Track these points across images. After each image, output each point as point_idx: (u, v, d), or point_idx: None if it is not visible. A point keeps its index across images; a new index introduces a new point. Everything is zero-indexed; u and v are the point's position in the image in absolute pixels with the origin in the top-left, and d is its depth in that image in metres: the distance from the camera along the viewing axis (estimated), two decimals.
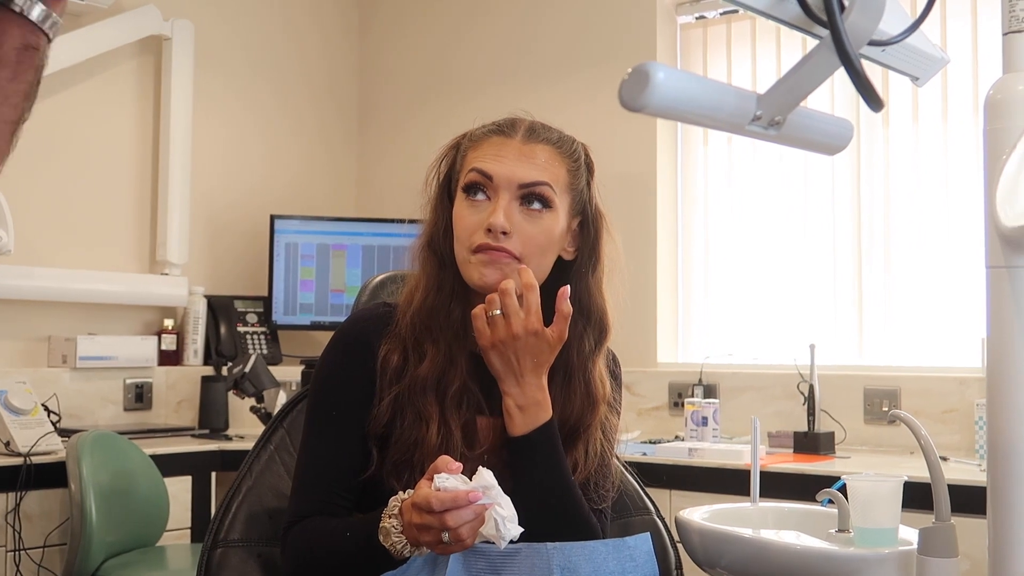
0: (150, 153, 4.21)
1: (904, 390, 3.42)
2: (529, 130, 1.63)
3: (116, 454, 3.26)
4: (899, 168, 3.61)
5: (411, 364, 1.60)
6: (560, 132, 1.68)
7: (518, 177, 1.59)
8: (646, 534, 1.62)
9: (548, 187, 1.60)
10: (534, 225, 1.59)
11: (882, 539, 1.57)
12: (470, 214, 1.60)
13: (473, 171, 1.60)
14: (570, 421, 1.64)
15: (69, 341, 3.81)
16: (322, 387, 1.66)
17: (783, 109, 0.99)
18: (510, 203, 1.58)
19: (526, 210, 1.59)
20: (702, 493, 3.00)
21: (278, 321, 4.31)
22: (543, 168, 1.60)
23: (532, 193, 1.59)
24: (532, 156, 1.60)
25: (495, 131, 1.64)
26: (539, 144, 1.62)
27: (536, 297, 1.54)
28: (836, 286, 3.71)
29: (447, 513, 1.38)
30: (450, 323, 1.62)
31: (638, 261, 4.00)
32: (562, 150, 1.64)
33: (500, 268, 1.58)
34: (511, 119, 1.66)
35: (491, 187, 1.59)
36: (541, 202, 1.60)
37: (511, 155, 1.60)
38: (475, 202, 1.60)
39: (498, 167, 1.59)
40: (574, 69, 4.21)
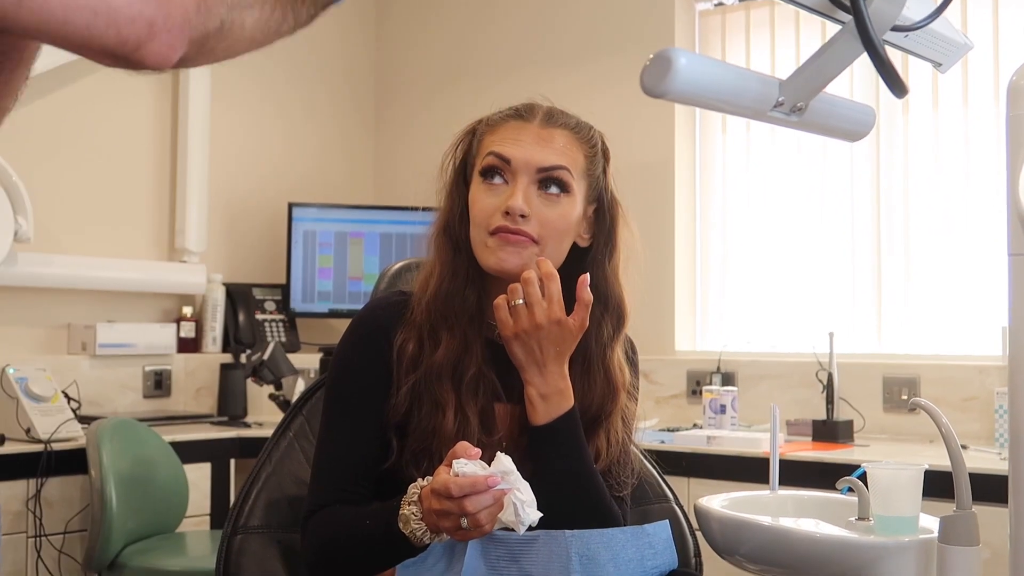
0: (168, 141, 4.22)
1: (923, 378, 3.40)
2: (547, 115, 1.63)
3: (136, 441, 3.27)
4: (919, 155, 3.59)
5: (427, 352, 1.60)
6: (578, 118, 1.68)
7: (536, 161, 1.58)
8: (665, 521, 1.62)
9: (566, 171, 1.60)
10: (552, 209, 1.59)
11: (902, 527, 1.57)
12: (487, 197, 1.60)
13: (491, 155, 1.60)
14: (591, 409, 1.64)
15: (88, 328, 3.82)
16: (339, 376, 1.66)
17: (805, 95, 0.99)
18: (528, 186, 1.58)
19: (544, 194, 1.59)
20: (720, 481, 2.99)
21: (296, 309, 4.32)
22: (561, 152, 1.60)
23: (550, 177, 1.59)
24: (550, 140, 1.60)
25: (513, 115, 1.64)
26: (557, 128, 1.62)
27: (558, 286, 1.54)
28: (855, 274, 3.69)
29: (466, 499, 1.39)
30: (465, 308, 1.61)
31: (656, 249, 3.99)
32: (580, 135, 1.64)
33: (518, 252, 1.58)
34: (529, 104, 1.66)
35: (509, 171, 1.59)
36: (559, 186, 1.60)
37: (529, 139, 1.60)
38: (492, 186, 1.60)
39: (516, 150, 1.59)
40: (592, 57, 4.20)
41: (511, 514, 1.42)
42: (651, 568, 1.56)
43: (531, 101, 1.67)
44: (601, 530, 1.55)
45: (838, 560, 1.56)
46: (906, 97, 3.48)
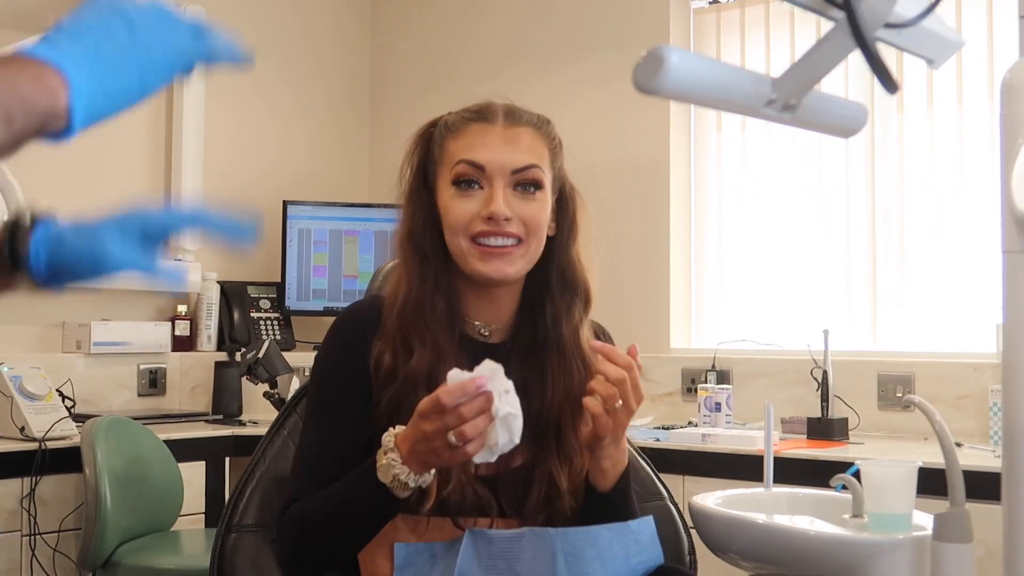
0: (163, 138, 4.21)
1: (918, 376, 3.40)
2: (508, 114, 1.63)
3: (130, 439, 3.27)
4: (913, 153, 3.60)
5: (401, 362, 1.60)
6: (533, 113, 1.67)
7: (510, 163, 1.58)
8: (649, 517, 1.62)
9: (538, 168, 1.61)
10: (530, 206, 1.60)
11: (896, 524, 1.57)
12: (464, 204, 1.59)
13: (462, 163, 1.59)
14: (572, 393, 1.64)
15: (83, 327, 3.82)
16: (320, 379, 1.67)
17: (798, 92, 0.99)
18: (505, 188, 1.58)
19: (520, 194, 1.60)
20: (715, 479, 2.99)
21: (291, 307, 4.31)
22: (529, 150, 1.61)
23: (525, 177, 1.60)
24: (517, 140, 1.60)
25: (474, 118, 1.62)
26: (521, 127, 1.62)
27: (637, 375, 1.51)
28: (850, 271, 3.70)
29: (461, 406, 1.37)
30: (435, 316, 1.62)
31: (651, 246, 3.99)
32: (542, 131, 1.64)
33: (511, 262, 1.59)
34: (486, 104, 1.65)
35: (484, 176, 1.59)
36: (534, 184, 1.61)
37: (496, 141, 1.59)
38: (467, 193, 1.59)
39: (488, 155, 1.58)
40: (586, 54, 4.20)
41: (500, 436, 1.39)
42: (636, 564, 1.56)
43: (485, 102, 1.65)
44: (586, 527, 1.56)
45: (833, 557, 1.56)
46: (900, 95, 3.50)
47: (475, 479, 1.59)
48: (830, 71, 1.00)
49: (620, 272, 3.93)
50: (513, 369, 1.64)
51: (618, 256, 3.96)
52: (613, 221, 3.98)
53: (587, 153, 4.14)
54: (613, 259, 3.89)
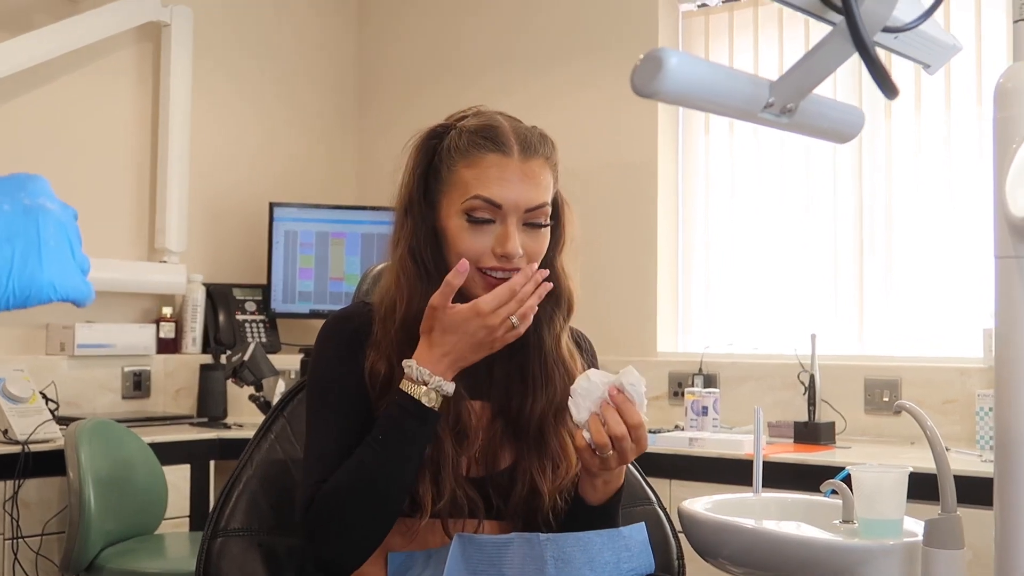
0: (149, 140, 4.19)
1: (905, 380, 3.41)
2: (522, 145, 1.59)
3: (115, 442, 3.25)
4: (901, 157, 3.60)
5: (397, 378, 1.58)
6: (539, 134, 1.64)
7: (525, 202, 1.57)
8: (641, 524, 1.62)
9: (548, 205, 1.60)
10: (537, 240, 1.60)
11: (887, 530, 1.57)
12: (475, 238, 1.58)
13: (478, 199, 1.57)
14: (555, 400, 1.64)
15: (67, 329, 3.79)
16: (322, 382, 1.64)
17: (795, 96, 0.98)
18: (517, 224, 1.58)
19: (529, 229, 1.59)
20: (702, 483, 2.99)
21: (277, 309, 4.29)
22: (543, 187, 1.59)
23: (537, 216, 1.59)
24: (532, 176, 1.58)
25: (489, 147, 1.58)
26: (536, 160, 1.59)
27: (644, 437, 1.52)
28: (837, 275, 3.70)
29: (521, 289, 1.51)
30: None
31: (638, 249, 3.99)
32: (550, 160, 1.63)
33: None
34: (496, 128, 1.60)
35: (499, 214, 1.57)
36: (544, 221, 1.60)
37: (514, 177, 1.57)
38: (480, 226, 1.58)
39: (506, 194, 1.56)
40: (575, 56, 4.20)
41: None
42: (627, 571, 1.56)
43: (496, 124, 1.61)
44: (576, 533, 1.55)
45: (823, 563, 1.55)
46: (888, 103, 3.50)
47: (465, 481, 1.59)
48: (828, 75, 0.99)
49: (607, 275, 3.93)
50: (496, 375, 1.64)
51: (605, 259, 3.95)
52: (600, 224, 3.98)
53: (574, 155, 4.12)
54: (600, 262, 3.92)
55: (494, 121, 1.62)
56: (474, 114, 1.65)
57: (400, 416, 1.53)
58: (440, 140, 1.63)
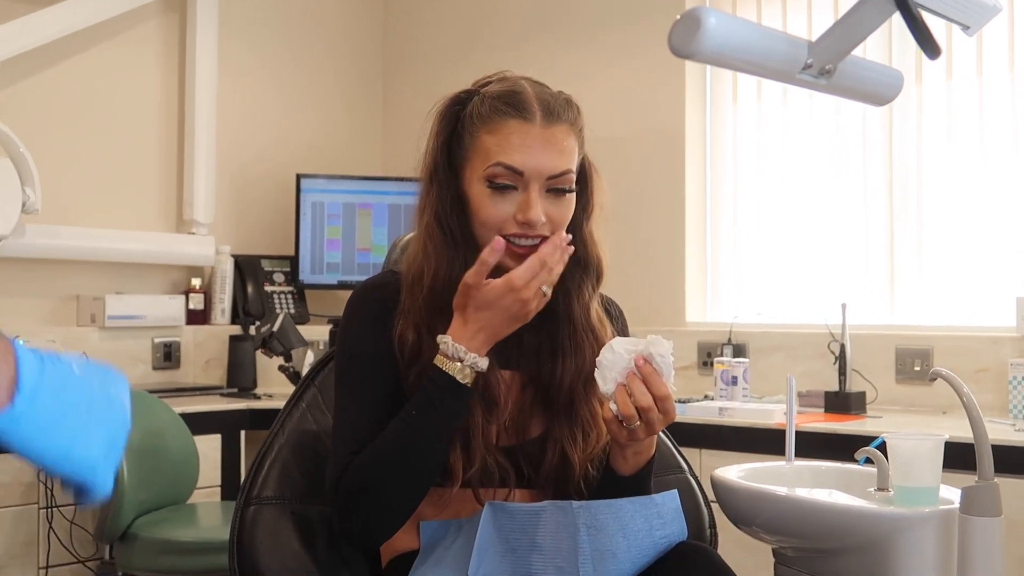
0: (176, 111, 4.20)
1: (936, 349, 3.38)
2: (545, 110, 1.57)
3: (146, 413, 3.27)
4: (932, 125, 3.56)
5: (426, 345, 1.58)
6: (564, 99, 1.62)
7: (547, 168, 1.56)
8: (674, 491, 1.60)
9: (571, 173, 1.58)
10: (561, 207, 1.59)
11: (923, 498, 1.56)
12: (497, 205, 1.57)
13: (499, 166, 1.56)
14: (584, 368, 1.63)
15: (98, 300, 3.81)
16: (352, 351, 1.64)
17: (834, 57, 0.96)
18: (540, 191, 1.56)
19: (553, 196, 1.58)
20: (732, 452, 2.98)
21: (305, 280, 4.30)
22: (566, 153, 1.58)
23: (560, 182, 1.57)
24: (555, 142, 1.56)
25: (511, 113, 1.57)
26: (559, 126, 1.57)
27: (672, 408, 1.51)
28: (868, 244, 3.67)
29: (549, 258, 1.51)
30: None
31: (667, 219, 3.97)
32: (575, 125, 1.61)
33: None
34: (519, 95, 1.59)
35: (520, 180, 1.56)
36: (566, 188, 1.59)
37: (536, 144, 1.56)
38: (502, 194, 1.57)
39: (527, 160, 1.55)
40: (602, 26, 4.16)
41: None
42: (660, 538, 1.55)
43: (517, 88, 1.60)
44: (609, 500, 1.54)
45: (858, 531, 1.55)
46: (918, 65, 3.46)
47: (495, 449, 1.59)
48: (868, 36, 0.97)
49: (636, 245, 3.91)
50: (526, 344, 1.63)
51: (633, 228, 3.94)
52: (629, 194, 3.96)
53: (603, 125, 4.10)
54: (629, 231, 3.90)
55: (517, 87, 1.60)
56: (498, 79, 1.63)
57: (434, 392, 1.53)
58: (463, 106, 1.62)
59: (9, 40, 3.57)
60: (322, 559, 1.72)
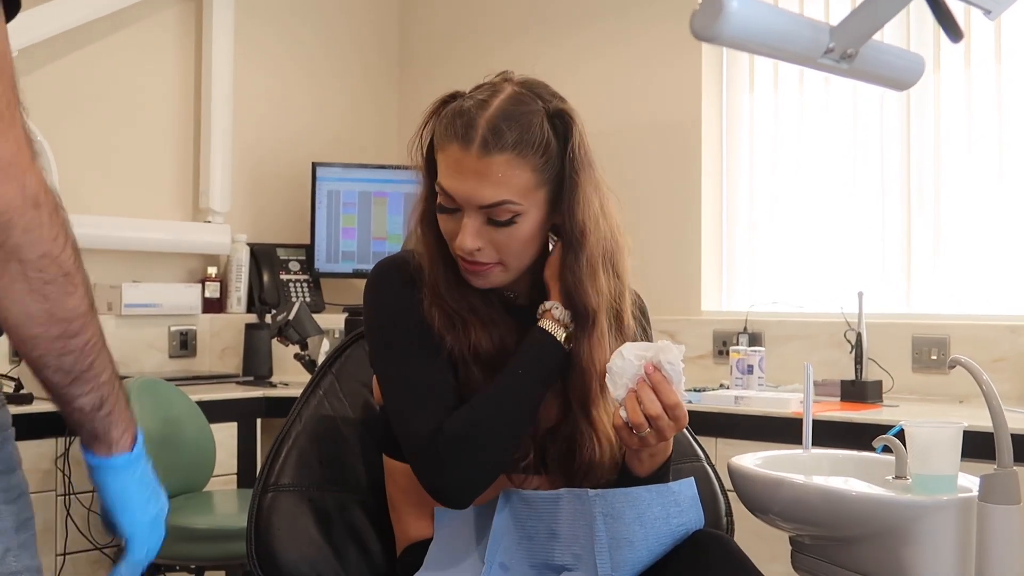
0: (192, 100, 4.20)
1: (953, 338, 3.37)
2: (483, 141, 1.51)
3: (163, 400, 3.28)
4: (950, 113, 3.54)
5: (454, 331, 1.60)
6: (523, 122, 1.54)
7: (477, 199, 1.52)
8: (690, 479, 1.60)
9: (510, 204, 1.53)
10: (505, 235, 1.55)
11: (941, 486, 1.55)
12: (446, 221, 1.58)
13: (438, 186, 1.56)
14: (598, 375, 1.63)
15: (114, 289, 3.82)
16: (393, 317, 1.63)
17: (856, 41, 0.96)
18: (476, 219, 1.54)
19: (495, 224, 1.55)
20: (748, 441, 2.97)
21: (320, 269, 4.31)
22: (501, 184, 1.52)
23: (495, 213, 1.54)
24: (488, 173, 1.51)
25: (453, 136, 1.53)
26: (495, 156, 1.51)
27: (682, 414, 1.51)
28: (884, 233, 3.65)
29: None
30: (465, 299, 1.61)
31: (682, 208, 3.96)
32: (521, 153, 1.53)
33: (486, 278, 1.59)
34: (465, 118, 1.53)
35: (456, 204, 1.55)
36: (506, 217, 1.54)
37: (468, 172, 1.52)
38: (448, 214, 1.57)
39: (458, 187, 1.53)
40: (619, 15, 4.15)
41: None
42: (677, 526, 1.54)
43: (466, 111, 1.54)
44: (625, 489, 1.54)
45: (877, 519, 1.54)
46: (936, 52, 3.43)
47: None
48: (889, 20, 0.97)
49: (651, 234, 3.90)
50: None
51: (649, 218, 3.93)
52: (645, 183, 3.95)
53: (620, 114, 4.11)
54: (644, 221, 3.89)
55: (473, 107, 1.54)
56: (486, 86, 1.59)
57: (540, 352, 1.57)
58: (444, 106, 1.60)
59: (26, 29, 3.58)
60: (339, 546, 1.73)
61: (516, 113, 1.54)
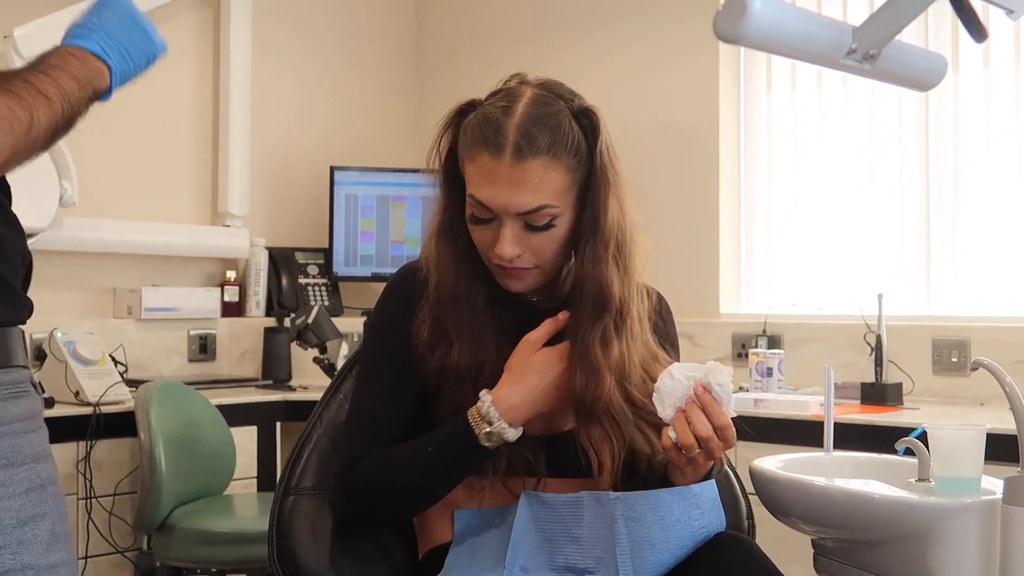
0: (211, 105, 4.22)
1: (974, 340, 3.35)
2: (516, 148, 1.50)
3: (183, 404, 3.29)
4: (968, 114, 3.52)
5: (440, 349, 1.60)
6: (553, 124, 1.53)
7: (515, 206, 1.52)
8: (712, 481, 1.60)
9: (548, 207, 1.53)
10: (543, 239, 1.56)
11: (965, 488, 1.54)
12: (480, 232, 1.57)
13: (471, 197, 1.55)
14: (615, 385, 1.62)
15: (134, 293, 3.84)
16: (371, 342, 1.68)
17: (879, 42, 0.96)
18: (513, 226, 1.54)
19: (531, 229, 1.55)
20: (768, 444, 2.95)
21: (339, 272, 4.32)
22: (538, 188, 1.52)
23: (533, 219, 1.54)
24: (523, 179, 1.51)
25: (484, 145, 1.52)
26: (530, 161, 1.51)
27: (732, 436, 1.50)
28: (903, 234, 3.64)
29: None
30: (475, 309, 1.62)
31: (700, 210, 3.95)
32: (556, 155, 1.53)
33: (522, 281, 1.59)
34: (493, 126, 1.52)
35: (492, 213, 1.54)
36: (545, 221, 1.55)
37: (502, 181, 1.51)
38: (481, 224, 1.56)
39: (494, 197, 1.52)
40: (636, 18, 4.15)
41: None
42: (698, 529, 1.54)
43: (494, 119, 1.52)
44: (646, 491, 1.54)
45: (900, 521, 1.54)
46: (955, 52, 3.42)
47: (524, 439, 1.58)
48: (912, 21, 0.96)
49: (669, 236, 3.89)
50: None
51: (667, 220, 3.92)
52: (662, 184, 3.94)
53: (637, 115, 4.11)
54: (662, 223, 3.89)
55: (498, 114, 1.53)
56: (503, 93, 1.58)
57: (454, 443, 1.54)
58: (463, 115, 1.59)
59: (46, 34, 3.60)
60: (360, 549, 1.73)
61: (543, 116, 1.54)
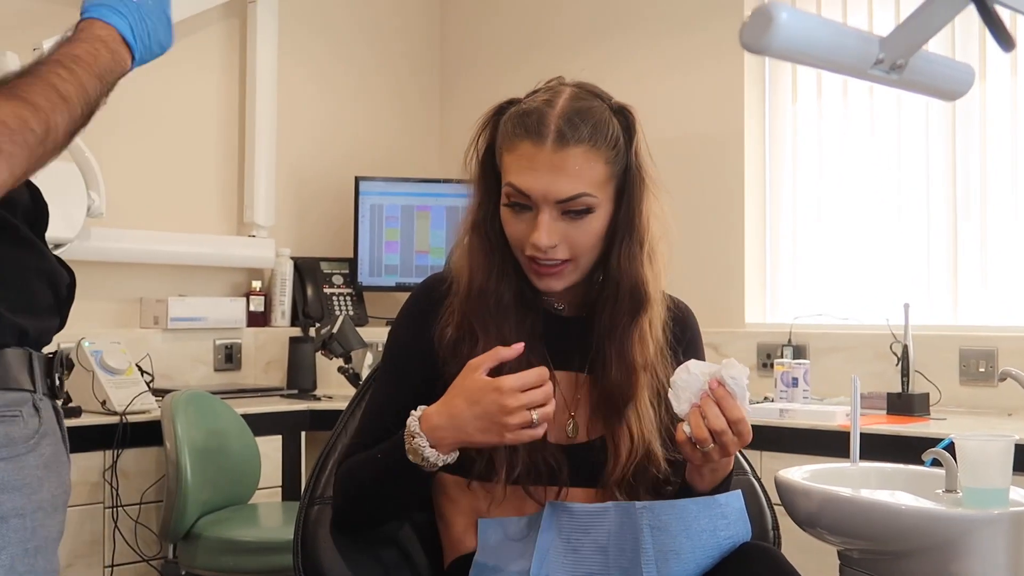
0: (236, 116, 4.24)
1: (1001, 350, 3.33)
2: (559, 134, 1.53)
3: (209, 413, 3.30)
4: (996, 122, 3.51)
5: (466, 346, 1.60)
6: (594, 116, 1.56)
7: (554, 193, 1.53)
8: (738, 492, 1.60)
9: (587, 196, 1.55)
10: (580, 229, 1.57)
11: (993, 499, 1.54)
12: (514, 224, 1.58)
13: (509, 186, 1.56)
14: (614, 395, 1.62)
15: (160, 303, 3.86)
16: (388, 347, 1.72)
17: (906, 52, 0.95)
18: (551, 214, 1.55)
19: (569, 218, 1.56)
20: (793, 455, 2.95)
21: (363, 282, 4.33)
22: (578, 176, 1.54)
23: (572, 207, 1.55)
24: (565, 166, 1.53)
25: (525, 133, 1.55)
26: (571, 148, 1.53)
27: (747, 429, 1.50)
28: (930, 244, 3.62)
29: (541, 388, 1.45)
30: (501, 306, 1.62)
31: (725, 220, 3.95)
32: (596, 145, 1.55)
33: (560, 279, 1.60)
34: (540, 115, 1.55)
35: (530, 201, 1.56)
36: (583, 210, 1.56)
37: (543, 167, 1.53)
38: (518, 214, 1.57)
39: (533, 183, 1.54)
40: (662, 28, 4.15)
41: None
42: (724, 539, 1.54)
43: (536, 110, 1.56)
44: (672, 501, 1.54)
45: (927, 533, 1.53)
46: (982, 60, 3.40)
47: (544, 447, 1.59)
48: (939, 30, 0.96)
49: (694, 246, 3.89)
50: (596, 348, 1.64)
51: (692, 230, 3.92)
52: (687, 194, 3.94)
53: (662, 124, 4.10)
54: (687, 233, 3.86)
55: (541, 105, 1.56)
56: (543, 89, 1.61)
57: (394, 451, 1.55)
58: (500, 114, 1.62)
59: None
60: (385, 558, 1.73)
61: (585, 108, 1.57)
